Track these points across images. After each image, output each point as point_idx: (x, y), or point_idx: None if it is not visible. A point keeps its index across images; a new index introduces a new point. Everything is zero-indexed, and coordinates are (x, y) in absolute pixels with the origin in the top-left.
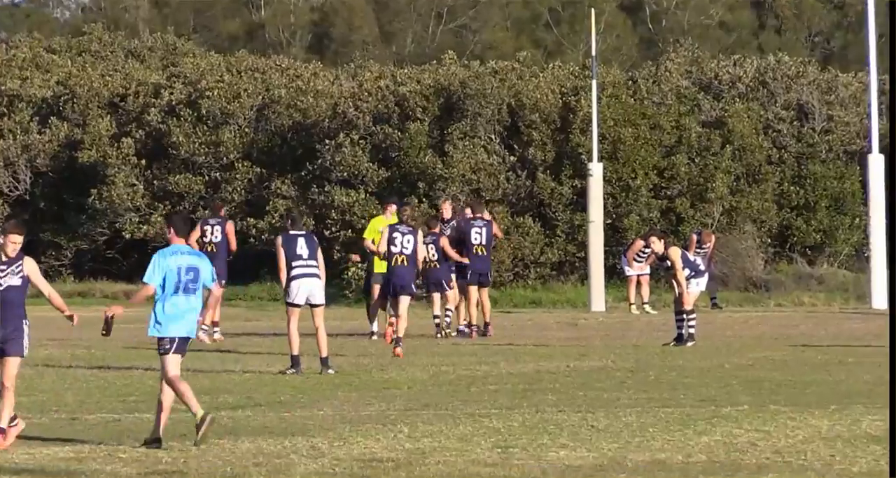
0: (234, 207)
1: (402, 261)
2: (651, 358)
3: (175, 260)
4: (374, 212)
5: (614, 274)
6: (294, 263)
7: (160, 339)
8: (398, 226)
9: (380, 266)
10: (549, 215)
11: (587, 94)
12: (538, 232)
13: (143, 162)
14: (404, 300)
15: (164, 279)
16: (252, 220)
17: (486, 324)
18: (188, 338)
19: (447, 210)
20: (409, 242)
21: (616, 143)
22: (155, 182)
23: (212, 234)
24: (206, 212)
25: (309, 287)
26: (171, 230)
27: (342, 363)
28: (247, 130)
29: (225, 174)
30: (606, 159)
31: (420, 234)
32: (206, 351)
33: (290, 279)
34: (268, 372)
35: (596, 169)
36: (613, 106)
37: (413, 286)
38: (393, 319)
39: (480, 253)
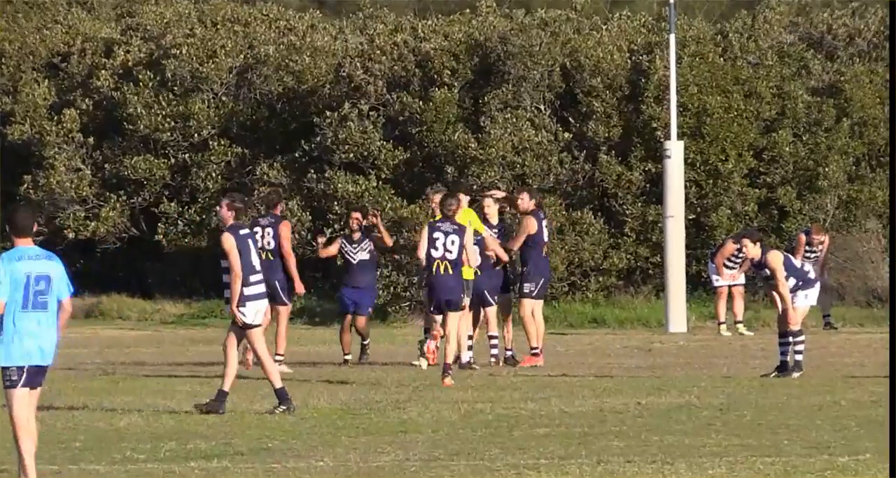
0: (209, 198)
1: (446, 268)
2: (746, 393)
3: (23, 266)
4: (390, 204)
5: (699, 285)
6: (251, 278)
7: (4, 368)
8: (440, 223)
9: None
10: (614, 209)
11: (663, 53)
12: (601, 230)
13: (91, 140)
14: (452, 318)
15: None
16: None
17: (537, 349)
18: (42, 367)
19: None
20: (453, 243)
21: (701, 115)
22: (106, 166)
23: (263, 238)
24: (259, 209)
25: (264, 309)
26: (10, 229)
27: (347, 399)
28: (224, 98)
29: (196, 156)
30: (688, 137)
31: (469, 232)
32: (175, 377)
33: (244, 298)
34: (252, 411)
35: (675, 149)
36: (697, 68)
37: (461, 299)
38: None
39: (547, 255)
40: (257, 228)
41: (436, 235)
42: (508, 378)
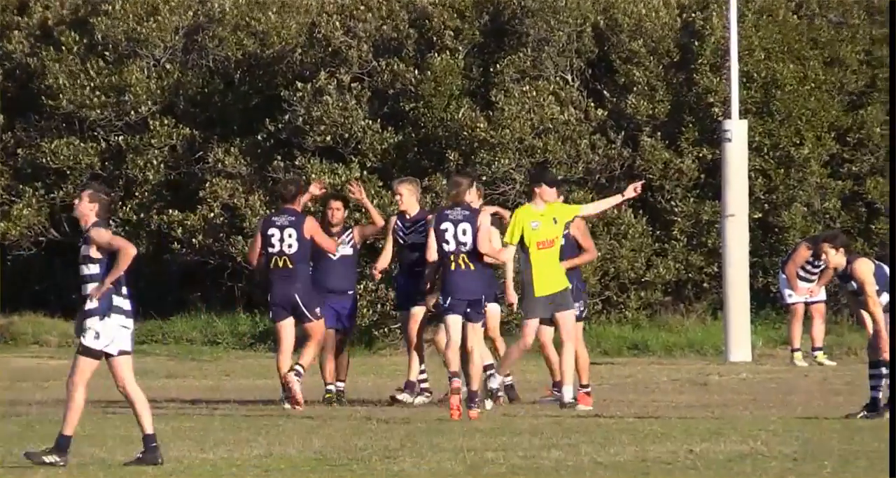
0: (149, 192)
1: (465, 263)
2: (827, 439)
3: None
4: (377, 199)
5: (767, 301)
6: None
7: None
8: (448, 211)
9: (544, 287)
10: (660, 206)
11: (722, 9)
12: (643, 233)
13: (1, 118)
14: (475, 330)
15: None
16: (176, 213)
17: (584, 387)
18: None
19: (408, 200)
20: (465, 233)
21: (769, 87)
22: (19, 151)
23: (282, 241)
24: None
25: (126, 339)
26: None
27: (323, 446)
28: (169, 66)
29: (133, 138)
30: (753, 114)
31: (486, 216)
32: (107, 418)
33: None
34: (202, 460)
35: (736, 130)
36: (765, 28)
37: (483, 304)
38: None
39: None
40: (273, 230)
41: (443, 225)
42: (526, 419)
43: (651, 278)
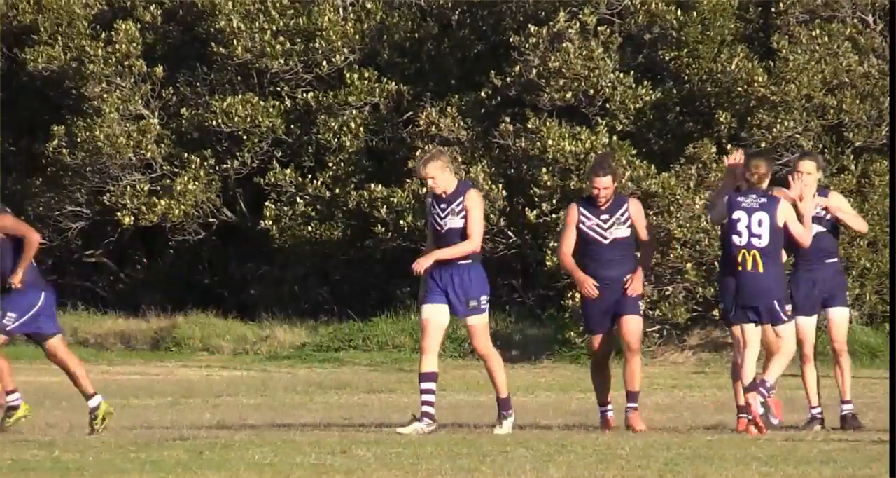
0: (345, 162)
1: (754, 261)
2: None
3: None
4: (631, 171)
5: None
6: None
7: None
8: (740, 197)
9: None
10: None
11: None
12: None
13: (160, 70)
14: (786, 330)
15: None
16: (380, 188)
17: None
18: None
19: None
20: (761, 224)
21: None
22: (183, 111)
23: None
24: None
25: None
26: None
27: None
28: (369, 6)
29: (325, 96)
30: None
31: (785, 205)
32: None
33: None
34: None
35: None
36: None
37: (783, 308)
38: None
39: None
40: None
41: (736, 214)
42: (816, 445)
43: None
